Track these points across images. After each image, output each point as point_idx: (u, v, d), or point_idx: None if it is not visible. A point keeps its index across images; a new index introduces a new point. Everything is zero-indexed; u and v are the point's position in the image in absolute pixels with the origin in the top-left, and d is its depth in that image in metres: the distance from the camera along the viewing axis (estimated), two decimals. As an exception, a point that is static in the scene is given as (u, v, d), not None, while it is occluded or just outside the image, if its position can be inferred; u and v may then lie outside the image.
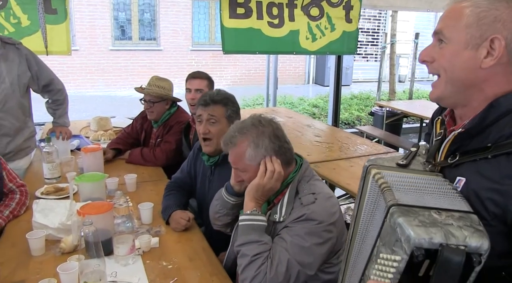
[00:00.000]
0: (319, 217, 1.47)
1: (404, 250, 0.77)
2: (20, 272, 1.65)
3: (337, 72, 5.14)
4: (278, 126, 1.63)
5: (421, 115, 5.83)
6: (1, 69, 2.60)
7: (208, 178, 2.20)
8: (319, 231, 1.46)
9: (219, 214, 1.80)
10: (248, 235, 1.49)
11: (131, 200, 2.26)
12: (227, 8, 3.75)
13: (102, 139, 3.52)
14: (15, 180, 2.25)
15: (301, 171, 1.62)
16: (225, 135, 1.64)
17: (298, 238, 1.45)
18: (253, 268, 1.44)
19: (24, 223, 2.03)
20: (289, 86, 11.80)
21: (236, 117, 2.13)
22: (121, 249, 1.70)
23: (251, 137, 1.57)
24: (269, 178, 1.53)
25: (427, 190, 0.89)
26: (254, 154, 1.56)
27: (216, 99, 2.10)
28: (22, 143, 2.79)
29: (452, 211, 0.82)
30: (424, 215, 0.81)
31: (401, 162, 0.99)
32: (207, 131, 2.08)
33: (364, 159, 3.23)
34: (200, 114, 2.12)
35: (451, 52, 0.94)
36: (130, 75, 10.90)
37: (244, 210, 1.56)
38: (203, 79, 2.89)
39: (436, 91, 1.00)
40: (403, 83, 12.57)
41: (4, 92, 2.61)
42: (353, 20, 4.30)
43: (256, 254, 1.45)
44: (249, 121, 1.62)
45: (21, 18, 3.46)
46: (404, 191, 0.88)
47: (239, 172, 1.62)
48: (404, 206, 0.83)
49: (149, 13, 11.12)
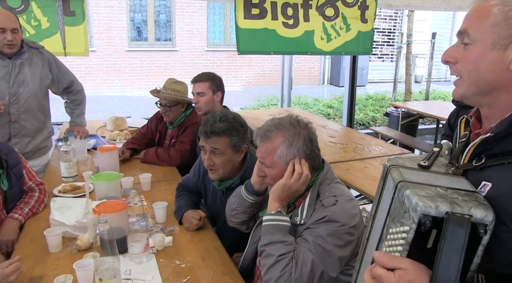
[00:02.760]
0: (341, 219, 1.46)
1: (412, 219, 0.80)
2: (38, 268, 1.70)
3: (352, 72, 5.11)
4: (313, 131, 1.62)
5: (437, 116, 5.75)
6: (26, 73, 2.70)
7: (219, 199, 2.15)
8: (341, 233, 1.46)
9: (236, 211, 1.80)
10: (273, 235, 1.49)
11: (146, 199, 2.29)
12: (242, 8, 3.76)
13: (118, 138, 3.57)
14: (34, 179, 2.31)
15: (323, 173, 1.60)
16: (260, 128, 1.61)
17: (320, 239, 1.45)
18: (278, 268, 1.44)
19: (43, 220, 2.08)
20: (303, 87, 11.76)
21: (243, 143, 2.02)
22: (135, 247, 1.73)
23: (287, 134, 1.55)
24: (296, 179, 1.52)
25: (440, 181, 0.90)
26: (286, 153, 1.55)
27: (217, 130, 1.94)
28: (41, 143, 2.89)
29: (457, 190, 0.85)
30: (430, 189, 0.84)
31: (423, 163, 0.97)
32: (211, 163, 1.99)
33: (379, 160, 3.21)
34: (203, 145, 2.00)
35: (476, 54, 0.90)
36: (146, 75, 11.01)
37: (268, 210, 1.55)
38: (203, 81, 2.87)
39: (459, 90, 0.96)
40: (419, 83, 12.41)
41: (27, 95, 2.71)
42: (368, 20, 4.27)
43: (281, 255, 1.45)
44: (287, 119, 1.60)
45: (41, 21, 3.53)
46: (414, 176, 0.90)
47: (264, 167, 1.61)
48: (411, 182, 0.86)
49: (164, 14, 11.21)
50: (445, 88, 11.62)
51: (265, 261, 1.48)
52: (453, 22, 13.68)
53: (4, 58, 2.63)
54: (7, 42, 2.57)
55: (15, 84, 2.66)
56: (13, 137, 2.73)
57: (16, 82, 2.66)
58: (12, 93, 2.65)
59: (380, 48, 13.23)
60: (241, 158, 2.06)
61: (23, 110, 2.71)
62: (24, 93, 2.69)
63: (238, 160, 2.04)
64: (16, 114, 2.69)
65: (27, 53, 2.72)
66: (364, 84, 11.86)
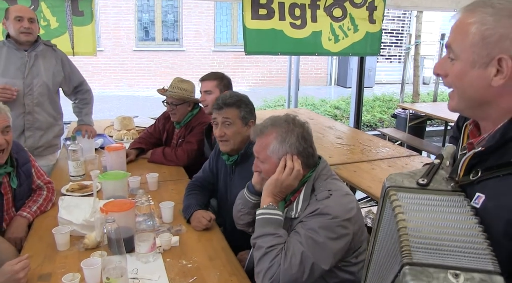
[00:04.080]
0: (333, 212, 1.47)
1: None
2: (47, 266, 1.71)
3: (360, 73, 5.09)
4: (308, 130, 1.66)
5: (445, 118, 5.71)
6: (40, 65, 2.79)
7: (229, 177, 2.25)
8: (333, 226, 1.46)
9: (241, 212, 1.83)
10: (263, 228, 1.52)
11: (153, 199, 2.30)
12: (250, 9, 3.76)
13: (125, 138, 3.59)
14: (42, 177, 2.32)
15: (318, 169, 1.63)
16: (257, 125, 1.70)
17: (311, 232, 1.46)
18: (267, 260, 1.46)
19: (51, 218, 2.10)
20: (310, 88, 11.75)
21: (250, 117, 2.20)
22: (142, 247, 1.73)
23: (280, 130, 1.61)
24: (288, 174, 1.56)
25: (446, 224, 0.85)
26: (278, 148, 1.60)
27: (228, 102, 2.15)
28: (52, 139, 2.95)
29: (472, 272, 0.76)
30: (438, 279, 0.75)
31: (421, 181, 0.95)
32: (223, 134, 2.14)
33: (386, 162, 3.19)
34: (215, 117, 2.18)
35: (459, 70, 0.90)
36: (153, 75, 11.06)
37: (261, 205, 1.59)
38: (211, 80, 2.90)
39: (452, 103, 0.97)
40: (427, 85, 12.35)
41: (41, 87, 2.79)
42: (376, 21, 4.26)
43: (270, 246, 1.47)
44: (283, 117, 1.67)
45: (50, 21, 3.57)
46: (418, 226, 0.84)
47: (259, 162, 1.67)
48: (419, 265, 0.78)
49: (172, 14, 11.25)
50: (453, 90, 11.55)
51: (256, 253, 1.51)
52: (462, 23, 13.59)
53: (20, 50, 2.74)
54: (24, 30, 2.67)
55: (29, 75, 2.74)
56: (27, 129, 2.80)
57: (31, 73, 2.75)
58: (27, 83, 2.74)
59: (388, 49, 13.18)
60: (248, 133, 2.15)
61: (37, 102, 2.79)
62: (38, 84, 2.77)
63: (246, 134, 2.16)
64: (30, 105, 2.77)
65: (42, 47, 2.81)
66: (372, 85, 11.82)
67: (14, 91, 2.66)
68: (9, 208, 2.09)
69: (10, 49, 2.73)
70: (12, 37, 2.74)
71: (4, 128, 1.97)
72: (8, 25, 2.71)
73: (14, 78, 2.71)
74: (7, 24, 2.71)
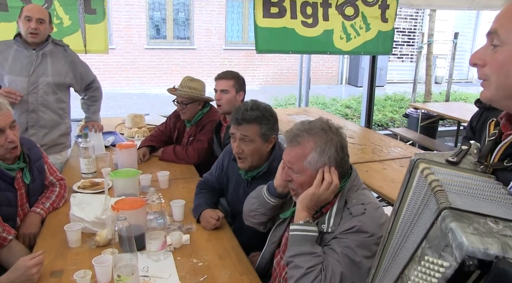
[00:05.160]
0: (370, 229, 1.42)
1: (455, 257, 0.72)
2: (59, 262, 1.72)
3: (371, 72, 5.05)
4: (344, 137, 1.56)
5: (458, 118, 5.65)
6: (47, 64, 2.79)
7: (242, 189, 2.15)
8: (370, 244, 1.42)
9: (256, 212, 1.78)
10: (301, 246, 1.45)
11: (163, 197, 2.30)
12: (261, 7, 3.75)
13: (136, 136, 3.61)
14: (55, 174, 2.35)
15: (351, 180, 1.56)
16: (289, 131, 1.57)
17: (348, 251, 1.41)
18: (307, 281, 1.41)
19: (63, 215, 2.12)
20: (321, 86, 11.69)
21: (272, 133, 2.04)
22: (153, 245, 1.74)
23: (319, 141, 1.50)
24: (325, 189, 1.48)
25: (481, 194, 0.84)
26: (317, 160, 1.49)
27: (248, 118, 1.98)
28: (57, 138, 2.93)
29: (510, 222, 0.75)
30: (479, 223, 0.74)
31: (451, 159, 0.93)
32: (240, 151, 2.01)
33: (398, 162, 3.17)
34: (233, 132, 2.03)
35: (505, 56, 0.85)
36: (164, 73, 11.09)
37: (296, 219, 1.51)
38: (228, 79, 2.86)
39: (486, 93, 0.92)
40: (439, 84, 12.21)
41: (46, 86, 2.79)
42: (389, 19, 4.22)
43: (310, 267, 1.41)
44: (318, 123, 1.55)
45: (63, 19, 3.59)
46: (456, 193, 0.82)
47: (292, 172, 1.55)
48: (458, 210, 0.77)
49: (183, 12, 11.27)
50: (467, 90, 11.41)
51: (293, 272, 1.45)
52: (476, 21, 13.41)
53: (29, 49, 2.75)
54: (31, 30, 2.68)
55: (35, 74, 2.75)
56: (30, 127, 2.80)
57: (36, 72, 2.75)
58: (32, 82, 2.74)
59: (399, 48, 13.06)
60: (269, 149, 2.07)
61: (41, 100, 2.79)
62: (43, 83, 2.77)
63: (266, 150, 2.05)
64: (34, 103, 2.77)
65: (51, 47, 2.81)
66: (383, 84, 11.73)
67: (18, 96, 2.66)
68: (23, 203, 2.12)
69: (19, 47, 2.75)
70: (21, 36, 2.76)
71: (11, 123, 1.97)
72: (20, 24, 2.74)
73: (19, 76, 2.72)
74: (19, 23, 2.75)
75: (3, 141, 1.93)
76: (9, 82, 2.72)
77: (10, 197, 2.03)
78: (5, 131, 1.94)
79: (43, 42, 2.78)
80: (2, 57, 2.74)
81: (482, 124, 2.58)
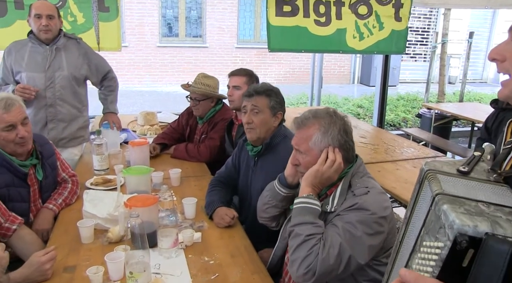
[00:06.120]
0: (371, 207, 1.46)
1: (448, 236, 0.74)
2: (72, 258, 1.74)
3: (384, 72, 5.00)
4: (349, 123, 1.66)
5: (472, 118, 5.57)
6: (62, 58, 2.85)
7: (251, 169, 2.25)
8: (370, 221, 1.44)
9: (268, 205, 1.81)
10: (303, 216, 1.50)
11: (175, 195, 2.31)
12: (274, 6, 3.74)
13: (148, 133, 3.62)
14: (67, 170, 2.37)
15: (355, 166, 1.62)
16: (298, 117, 1.67)
17: (349, 225, 1.44)
18: (305, 248, 1.43)
19: (75, 211, 2.13)
20: (333, 86, 11.63)
21: (279, 109, 2.21)
22: (165, 242, 1.74)
23: (323, 122, 1.60)
24: (329, 166, 1.54)
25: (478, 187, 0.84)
26: (320, 140, 1.58)
27: (259, 90, 2.19)
28: (76, 131, 2.99)
29: (502, 206, 0.77)
30: (470, 205, 0.77)
31: (462, 168, 0.91)
32: (250, 121, 2.16)
33: (411, 163, 3.13)
34: (245, 105, 2.21)
35: None
36: (176, 71, 11.13)
37: (300, 194, 1.57)
38: (241, 76, 2.89)
39: (505, 90, 0.90)
40: (453, 84, 12.06)
41: (62, 80, 2.84)
42: (402, 18, 4.17)
43: (309, 234, 1.45)
44: (324, 109, 1.67)
45: (77, 16, 3.63)
46: (453, 186, 0.84)
47: (299, 154, 1.64)
48: (451, 196, 0.80)
49: (195, 10, 11.30)
50: (481, 90, 11.25)
51: (293, 241, 1.48)
52: (492, 20, 13.21)
53: (42, 45, 2.80)
54: (43, 27, 2.73)
55: (50, 68, 2.80)
56: (49, 121, 2.86)
57: (52, 66, 2.81)
58: (48, 76, 2.80)
59: (413, 48, 12.93)
60: (276, 124, 2.22)
61: (59, 94, 2.85)
62: (59, 77, 2.83)
63: (273, 125, 2.21)
64: (51, 98, 2.83)
65: (64, 40, 2.86)
66: (395, 84, 11.63)
67: (32, 91, 2.72)
68: (36, 199, 2.14)
69: (33, 44, 2.81)
70: (34, 34, 2.81)
71: (22, 120, 2.00)
72: (30, 22, 2.79)
73: (36, 72, 2.78)
74: (30, 21, 2.79)
75: (14, 136, 1.96)
76: (27, 79, 2.77)
77: (23, 193, 2.06)
78: (16, 127, 1.96)
79: (55, 37, 2.82)
80: (19, 56, 2.80)
81: (498, 125, 2.54)
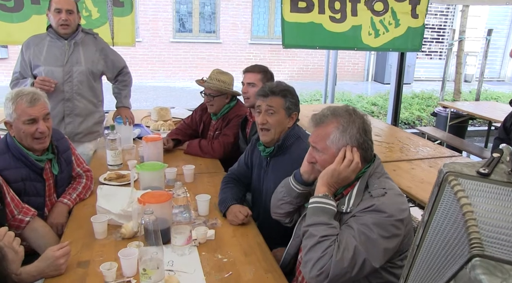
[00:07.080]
0: (388, 210, 1.41)
1: None
2: (85, 253, 1.74)
3: (400, 69, 4.94)
4: (368, 123, 1.60)
5: (489, 118, 5.46)
6: (80, 53, 2.88)
7: (263, 169, 2.22)
8: (387, 224, 1.41)
9: (282, 201, 1.79)
10: (318, 217, 1.47)
11: (188, 191, 2.30)
12: (289, 1, 3.71)
13: (161, 129, 3.62)
14: (82, 165, 2.37)
15: (373, 166, 1.57)
16: (316, 114, 1.63)
17: (365, 227, 1.41)
18: (319, 249, 1.40)
19: (89, 206, 2.14)
20: (347, 83, 11.54)
21: (294, 109, 2.16)
22: (178, 239, 1.73)
23: (342, 120, 1.55)
24: (346, 166, 1.50)
25: None
26: (338, 138, 1.54)
27: (275, 90, 2.13)
28: (92, 126, 3.01)
29: None
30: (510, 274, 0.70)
31: (482, 170, 0.89)
32: (265, 121, 2.12)
33: (427, 162, 3.08)
34: (259, 104, 2.15)
35: None
36: (189, 67, 11.16)
37: (316, 193, 1.54)
38: (256, 72, 2.84)
39: None
40: (469, 83, 11.88)
41: (80, 74, 2.87)
42: (419, 15, 4.11)
43: (324, 236, 1.42)
44: (343, 107, 1.61)
45: (92, 11, 3.65)
46: (490, 225, 0.77)
47: (315, 152, 1.60)
48: (489, 258, 0.72)
49: (209, 6, 11.29)
50: (498, 88, 11.05)
51: (307, 241, 1.46)
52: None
53: (61, 39, 2.83)
54: (62, 22, 2.76)
55: (68, 63, 2.83)
56: (67, 116, 2.88)
57: (70, 61, 2.84)
58: (66, 71, 2.83)
59: (428, 45, 12.74)
60: (290, 125, 2.17)
61: (76, 89, 2.87)
62: (77, 72, 2.85)
63: (288, 126, 2.16)
64: (69, 92, 2.85)
65: (82, 35, 2.89)
66: (410, 82, 11.48)
67: (52, 83, 2.75)
68: (51, 194, 2.15)
69: (51, 39, 2.83)
70: (52, 28, 2.84)
71: (45, 115, 2.02)
72: (50, 16, 2.81)
73: (54, 66, 2.81)
74: (49, 16, 2.82)
75: (34, 130, 1.97)
76: (45, 73, 2.80)
77: (39, 188, 2.07)
78: (38, 121, 1.98)
79: (73, 32, 2.85)
80: (37, 50, 2.82)
81: (517, 125, 2.49)
